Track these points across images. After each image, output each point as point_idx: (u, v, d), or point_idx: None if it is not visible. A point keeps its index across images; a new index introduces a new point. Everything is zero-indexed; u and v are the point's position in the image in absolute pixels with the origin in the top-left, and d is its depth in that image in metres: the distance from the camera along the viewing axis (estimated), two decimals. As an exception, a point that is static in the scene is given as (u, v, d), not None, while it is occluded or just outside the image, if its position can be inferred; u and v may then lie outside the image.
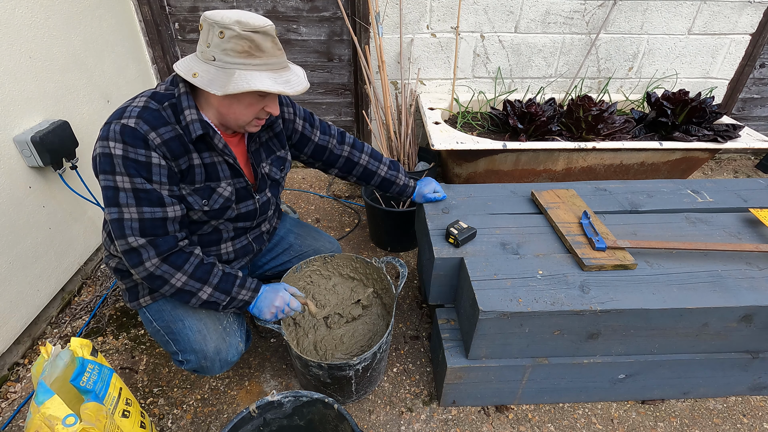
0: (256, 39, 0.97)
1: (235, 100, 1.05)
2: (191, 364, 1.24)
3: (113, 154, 1.00)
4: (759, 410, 1.50)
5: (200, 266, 1.13)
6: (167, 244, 1.08)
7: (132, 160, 1.01)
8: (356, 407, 1.49)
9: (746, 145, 2.09)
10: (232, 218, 1.25)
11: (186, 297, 1.15)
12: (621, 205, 1.60)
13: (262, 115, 1.11)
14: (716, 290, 1.23)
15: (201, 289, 1.14)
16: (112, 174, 1.01)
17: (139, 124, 1.01)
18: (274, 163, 1.32)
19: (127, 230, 1.04)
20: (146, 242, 1.05)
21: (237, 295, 1.19)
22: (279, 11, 2.45)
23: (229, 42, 0.96)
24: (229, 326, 1.30)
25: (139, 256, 1.06)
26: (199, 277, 1.13)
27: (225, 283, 1.17)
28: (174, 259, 1.09)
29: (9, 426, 1.43)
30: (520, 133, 2.13)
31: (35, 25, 1.63)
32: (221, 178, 1.17)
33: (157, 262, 1.07)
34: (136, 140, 1.00)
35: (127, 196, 1.02)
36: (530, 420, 1.46)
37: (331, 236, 1.68)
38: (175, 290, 1.12)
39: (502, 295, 1.21)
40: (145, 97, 1.07)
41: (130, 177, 1.01)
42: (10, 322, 1.57)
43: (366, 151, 1.51)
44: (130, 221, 1.04)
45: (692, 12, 2.43)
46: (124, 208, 1.03)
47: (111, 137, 1.00)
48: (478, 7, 2.35)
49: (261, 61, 1.00)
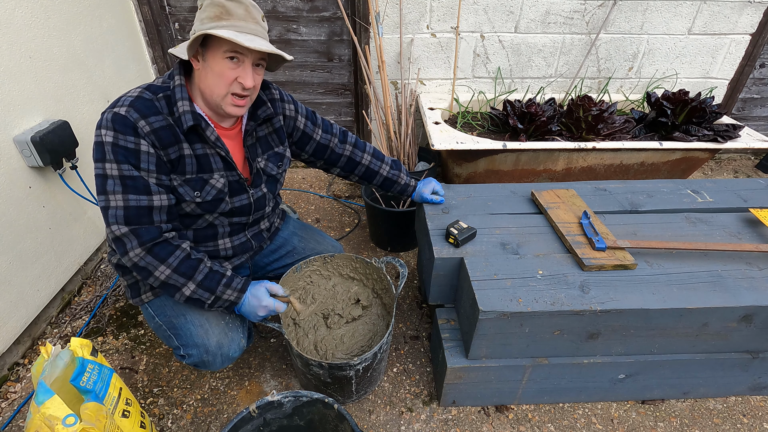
0: (227, 5, 1.01)
1: (206, 70, 1.06)
2: (193, 358, 1.25)
3: (104, 142, 1.03)
4: (759, 410, 1.50)
5: (185, 261, 1.12)
6: (150, 234, 1.07)
7: (121, 147, 1.03)
8: (356, 407, 1.49)
9: (746, 145, 2.09)
10: (227, 212, 1.24)
11: (171, 291, 1.15)
12: (621, 205, 1.60)
13: (236, 88, 1.07)
14: (716, 290, 1.23)
15: (185, 284, 1.13)
16: (102, 162, 1.04)
17: (129, 113, 1.03)
18: (271, 158, 1.31)
19: (112, 218, 1.05)
20: (129, 231, 1.05)
21: (222, 295, 1.18)
22: (279, 11, 2.45)
23: (205, 11, 1.01)
24: (232, 322, 1.31)
25: (124, 245, 1.07)
26: (183, 272, 1.12)
27: (210, 281, 1.16)
28: (158, 251, 1.09)
29: (9, 426, 1.43)
30: (520, 133, 2.13)
31: (35, 25, 1.63)
32: (214, 170, 1.17)
33: (140, 252, 1.07)
34: (126, 128, 1.02)
35: (114, 183, 1.04)
36: (530, 420, 1.46)
37: (334, 240, 1.67)
38: (159, 283, 1.12)
39: (502, 295, 1.21)
40: (141, 88, 1.09)
41: (118, 164, 1.03)
42: (10, 322, 1.57)
43: (368, 150, 1.51)
44: (115, 209, 1.05)
45: (692, 12, 2.43)
46: (110, 196, 1.04)
47: (104, 125, 1.03)
48: (478, 7, 2.35)
49: (228, 23, 1.01)
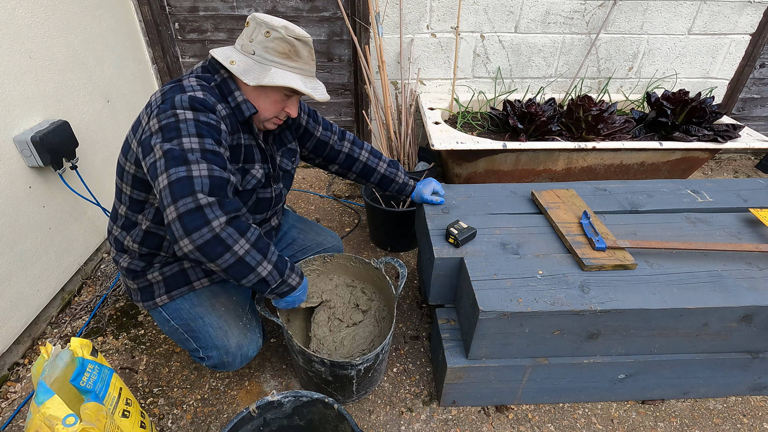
0: (297, 45, 1.08)
1: (264, 95, 1.12)
2: (213, 360, 1.26)
3: (182, 119, 0.99)
4: (759, 410, 1.50)
5: (261, 238, 1.07)
6: (233, 205, 1.01)
7: (204, 122, 1.02)
8: (356, 407, 1.49)
9: (746, 145, 2.09)
10: (250, 207, 1.26)
11: (244, 270, 1.04)
12: (621, 205, 1.60)
13: (282, 115, 1.20)
14: (716, 290, 1.23)
15: (261, 263, 1.06)
16: (179, 138, 0.98)
17: (207, 96, 1.06)
18: (285, 154, 1.37)
19: (197, 186, 0.95)
20: (215, 200, 0.97)
21: (287, 279, 1.15)
22: (279, 11, 2.45)
23: (273, 42, 1.06)
24: (248, 322, 1.33)
25: (205, 216, 0.95)
26: (260, 248, 1.05)
27: (281, 263, 1.13)
28: (238, 224, 1.01)
29: (9, 426, 1.43)
30: (520, 133, 2.13)
31: (35, 25, 1.63)
32: (255, 161, 1.21)
33: (224, 221, 0.97)
34: (207, 107, 1.04)
35: (195, 156, 0.98)
36: (530, 420, 1.46)
37: (332, 231, 1.70)
38: (235, 260, 1.00)
39: (502, 295, 1.21)
40: (193, 77, 1.10)
41: (201, 137, 1.00)
42: (10, 322, 1.57)
43: (366, 148, 1.54)
44: (200, 177, 0.96)
45: (692, 12, 2.43)
46: (194, 165, 0.96)
47: (179, 106, 1.01)
48: (478, 7, 2.35)
49: (296, 65, 1.10)
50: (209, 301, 1.29)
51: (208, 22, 2.48)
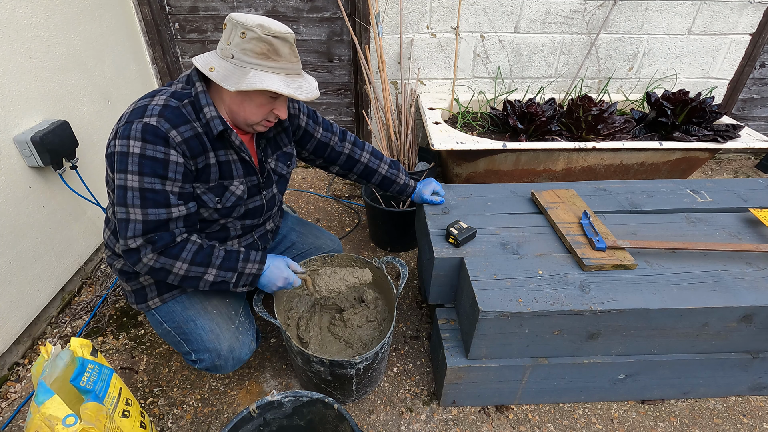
0: (275, 43, 1.01)
1: (248, 99, 1.08)
2: (205, 363, 1.25)
3: (130, 153, 1.02)
4: (759, 410, 1.50)
5: (199, 251, 1.13)
6: (163, 240, 1.08)
7: (149, 157, 1.02)
8: (356, 407, 1.49)
9: (746, 145, 2.09)
10: (241, 215, 1.26)
11: (193, 282, 1.15)
12: (621, 205, 1.60)
13: (270, 117, 1.15)
14: (716, 290, 1.23)
15: (205, 272, 1.14)
16: (125, 173, 1.03)
17: (160, 123, 1.03)
18: (280, 158, 1.34)
19: (130, 231, 1.06)
20: (144, 241, 1.06)
21: (244, 270, 1.19)
22: (279, 11, 2.45)
23: (250, 43, 1.00)
24: (241, 325, 1.31)
25: (138, 253, 1.08)
26: (199, 262, 1.13)
27: (228, 261, 1.17)
28: (170, 252, 1.10)
29: (9, 426, 1.43)
30: (520, 133, 2.13)
31: (35, 25, 1.63)
32: (234, 177, 1.19)
33: (154, 256, 1.08)
34: (157, 138, 1.02)
35: (133, 196, 1.04)
36: (530, 420, 1.46)
37: (332, 234, 1.69)
38: (180, 278, 1.13)
39: (502, 295, 1.21)
40: (165, 95, 1.08)
41: (142, 176, 1.03)
42: (10, 322, 1.57)
43: (367, 149, 1.52)
44: (134, 222, 1.05)
45: (692, 12, 2.43)
46: (130, 209, 1.04)
47: (132, 135, 1.02)
48: (478, 7, 2.35)
49: (276, 64, 1.04)
50: (201, 304, 1.28)
51: (208, 22, 2.48)
